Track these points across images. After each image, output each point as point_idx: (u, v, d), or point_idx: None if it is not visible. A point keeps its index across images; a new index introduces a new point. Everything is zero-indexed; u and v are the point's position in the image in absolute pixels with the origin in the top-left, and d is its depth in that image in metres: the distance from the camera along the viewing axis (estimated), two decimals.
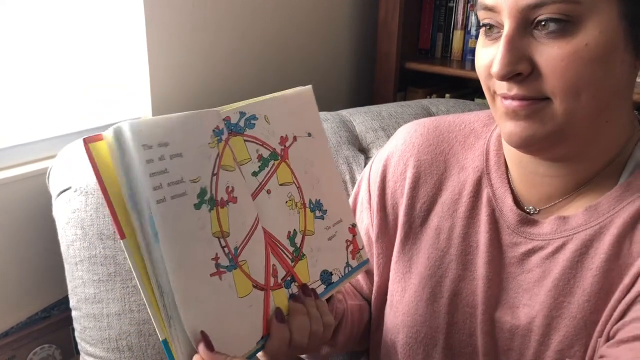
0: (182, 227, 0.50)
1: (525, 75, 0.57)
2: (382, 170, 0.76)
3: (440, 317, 0.69)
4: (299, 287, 0.61)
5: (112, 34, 1.18)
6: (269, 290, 0.57)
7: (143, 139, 0.48)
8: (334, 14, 1.65)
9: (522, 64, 0.57)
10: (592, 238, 0.62)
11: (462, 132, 0.74)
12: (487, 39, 0.61)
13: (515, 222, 0.67)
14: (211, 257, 0.52)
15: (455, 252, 0.70)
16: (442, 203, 0.72)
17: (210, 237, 0.52)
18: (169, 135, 0.50)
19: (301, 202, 0.63)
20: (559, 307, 0.63)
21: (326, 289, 0.64)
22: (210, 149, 0.54)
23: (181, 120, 0.52)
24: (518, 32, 0.57)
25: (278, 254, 0.60)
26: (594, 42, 0.55)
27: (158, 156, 0.49)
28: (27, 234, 1.06)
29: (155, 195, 0.48)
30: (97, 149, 0.47)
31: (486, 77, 0.62)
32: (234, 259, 0.54)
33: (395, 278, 0.73)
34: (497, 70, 0.57)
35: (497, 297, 0.68)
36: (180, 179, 0.50)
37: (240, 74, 1.40)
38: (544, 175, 0.66)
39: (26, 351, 1.10)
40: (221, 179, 0.54)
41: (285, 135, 0.63)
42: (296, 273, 0.61)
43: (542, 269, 0.65)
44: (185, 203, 0.51)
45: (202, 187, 0.52)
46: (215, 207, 0.53)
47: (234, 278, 0.53)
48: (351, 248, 0.69)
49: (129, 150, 0.47)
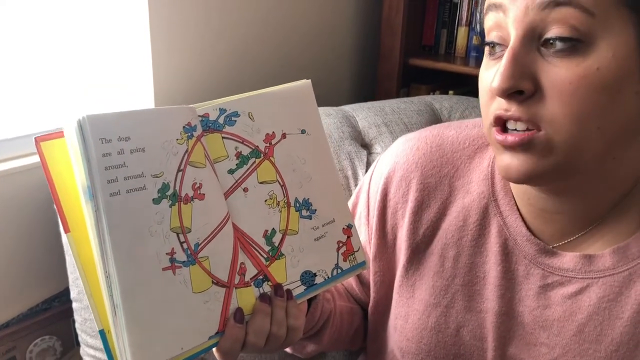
0: (136, 220, 0.51)
1: (527, 95, 0.52)
2: (382, 189, 0.72)
3: (447, 348, 0.67)
4: (272, 287, 0.61)
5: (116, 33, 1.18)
6: (232, 288, 0.58)
7: (101, 132, 0.50)
8: (338, 10, 1.64)
9: (525, 82, 0.51)
10: (622, 285, 0.58)
11: (466, 151, 0.68)
12: (491, 59, 0.56)
13: (534, 251, 0.62)
14: (166, 251, 0.53)
15: (461, 282, 0.66)
16: (445, 229, 0.68)
17: (168, 231, 0.53)
18: (131, 130, 0.52)
19: (284, 201, 0.62)
20: (584, 355, 0.59)
21: (307, 290, 0.64)
22: (178, 145, 0.55)
23: (147, 115, 0.53)
24: (524, 46, 0.51)
25: (250, 252, 0.60)
26: (606, 66, 0.49)
27: (117, 150, 0.51)
28: (28, 226, 1.06)
29: (109, 188, 0.50)
30: (47, 146, 0.50)
31: (488, 99, 0.56)
32: (193, 254, 0.55)
33: (399, 302, 0.71)
34: (497, 83, 0.51)
35: (510, 331, 0.64)
36: (140, 174, 0.52)
37: (244, 71, 1.40)
38: (554, 212, 0.61)
39: (27, 342, 1.10)
40: (188, 175, 0.55)
41: (272, 132, 0.62)
42: (270, 272, 0.61)
43: (564, 308, 0.60)
44: (143, 197, 0.52)
45: (165, 182, 0.53)
46: (178, 203, 0.54)
47: (190, 273, 0.54)
48: (343, 249, 0.67)
49: (88, 143, 0.50)
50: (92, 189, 0.49)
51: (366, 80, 1.81)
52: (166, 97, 1.25)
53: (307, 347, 0.75)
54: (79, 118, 0.49)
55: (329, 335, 0.73)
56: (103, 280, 0.51)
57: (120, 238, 0.50)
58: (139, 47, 1.20)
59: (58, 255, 1.00)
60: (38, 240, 1.08)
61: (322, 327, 0.72)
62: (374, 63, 1.75)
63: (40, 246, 1.09)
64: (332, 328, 0.73)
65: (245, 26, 1.37)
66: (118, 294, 0.50)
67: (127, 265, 0.50)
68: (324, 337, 0.73)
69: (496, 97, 0.54)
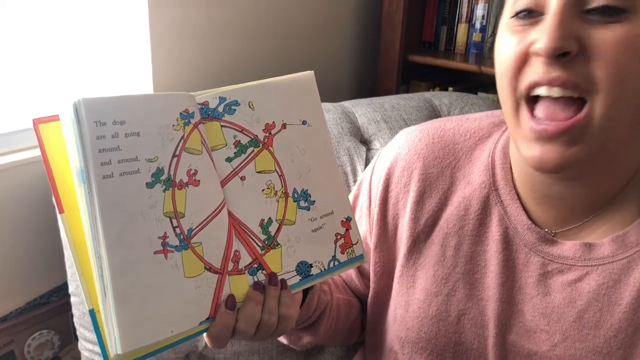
0: (129, 203, 0.52)
1: (572, 56, 0.52)
2: (385, 179, 0.73)
3: (447, 336, 0.67)
4: (266, 276, 0.61)
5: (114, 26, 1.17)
6: (225, 274, 0.58)
7: (97, 115, 0.51)
8: (338, 6, 1.63)
9: (572, 42, 0.51)
10: (620, 272, 0.60)
11: (467, 143, 0.69)
12: (521, 25, 0.55)
13: (534, 240, 0.63)
14: (158, 235, 0.53)
15: (462, 270, 0.67)
16: (446, 218, 0.68)
17: (161, 216, 0.54)
18: (126, 114, 0.52)
19: (282, 191, 0.62)
20: (583, 340, 0.60)
21: (302, 280, 0.64)
22: (175, 131, 0.55)
23: (143, 100, 0.54)
24: (569, 10, 0.52)
25: (245, 241, 0.60)
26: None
27: (111, 133, 0.52)
28: (26, 220, 1.05)
29: (102, 171, 0.51)
30: (45, 129, 0.51)
31: (513, 74, 0.55)
32: (186, 239, 0.55)
33: (399, 292, 0.71)
34: (545, 43, 0.51)
35: (510, 319, 0.64)
36: (134, 157, 0.53)
37: (243, 66, 1.40)
38: (559, 197, 0.61)
39: (24, 337, 1.09)
40: (183, 161, 0.55)
41: (272, 122, 0.62)
42: (265, 261, 0.61)
43: (564, 295, 0.61)
44: (137, 180, 0.53)
45: (160, 166, 0.54)
46: (172, 188, 0.55)
47: (182, 258, 0.55)
48: (341, 242, 0.67)
49: (83, 125, 0.50)
50: (86, 170, 0.50)
51: (366, 77, 1.80)
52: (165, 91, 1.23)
53: (303, 339, 0.75)
54: (74, 101, 0.50)
55: (325, 327, 0.73)
56: (94, 261, 0.51)
57: (111, 220, 0.51)
58: (138, 41, 1.20)
59: (56, 249, 1.00)
60: (36, 234, 1.07)
61: (319, 318, 0.72)
62: (374, 59, 1.75)
63: (38, 240, 1.08)
64: (329, 320, 0.73)
65: (245, 21, 1.38)
66: (108, 275, 0.51)
67: (118, 247, 0.51)
68: (320, 328, 0.72)
69: (528, 66, 0.54)
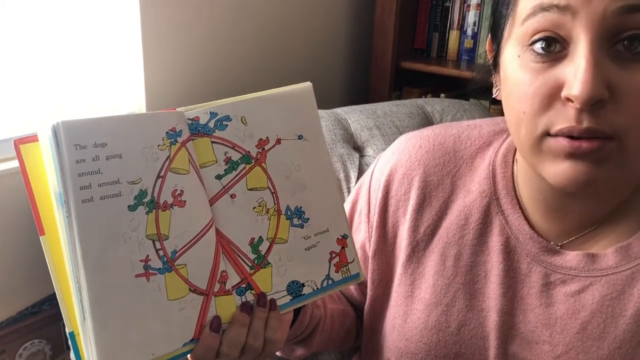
0: (109, 227, 0.51)
1: (602, 104, 0.48)
2: (384, 186, 0.70)
3: (447, 347, 0.66)
4: (255, 296, 0.60)
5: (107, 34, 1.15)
6: (211, 296, 0.57)
7: (76, 138, 0.49)
8: (330, 12, 1.61)
9: (605, 89, 0.48)
10: (624, 283, 0.59)
11: (468, 151, 0.67)
12: (543, 59, 0.51)
13: (537, 250, 0.62)
14: (140, 258, 0.52)
15: (462, 280, 0.65)
16: (446, 227, 0.67)
17: (144, 238, 0.53)
18: (108, 136, 0.51)
19: (274, 209, 0.61)
20: (587, 352, 0.59)
21: (292, 300, 0.62)
22: (160, 151, 0.54)
23: (127, 121, 0.52)
24: (599, 50, 0.48)
25: (234, 260, 0.58)
26: None
27: (92, 156, 0.50)
28: (17, 228, 1.04)
29: (81, 195, 0.50)
30: (26, 149, 0.50)
31: (540, 107, 0.51)
32: (169, 261, 0.54)
33: (397, 301, 0.70)
34: (580, 92, 0.47)
35: (511, 330, 0.63)
36: (116, 180, 0.51)
37: (236, 71, 1.39)
38: (566, 210, 0.60)
39: (16, 346, 1.08)
40: (168, 182, 0.54)
41: (265, 138, 0.60)
42: (254, 281, 0.60)
43: (567, 306, 0.60)
44: (118, 204, 0.51)
45: (143, 188, 0.53)
46: (155, 210, 0.53)
47: (165, 280, 0.54)
48: (336, 260, 0.65)
49: (62, 149, 0.49)
50: (64, 194, 0.49)
51: (358, 83, 1.81)
52: (158, 100, 1.24)
53: (296, 351, 0.74)
54: (53, 124, 0.49)
55: (318, 341, 0.73)
56: (73, 286, 0.51)
57: (90, 245, 0.50)
58: (130, 49, 1.19)
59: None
60: (27, 243, 1.07)
61: (311, 333, 0.71)
62: (366, 66, 1.76)
63: (29, 249, 1.07)
64: (322, 333, 0.72)
65: (237, 28, 1.37)
66: (87, 300, 0.50)
67: (97, 273, 0.50)
68: (313, 342, 0.72)
69: (554, 109, 0.51)
